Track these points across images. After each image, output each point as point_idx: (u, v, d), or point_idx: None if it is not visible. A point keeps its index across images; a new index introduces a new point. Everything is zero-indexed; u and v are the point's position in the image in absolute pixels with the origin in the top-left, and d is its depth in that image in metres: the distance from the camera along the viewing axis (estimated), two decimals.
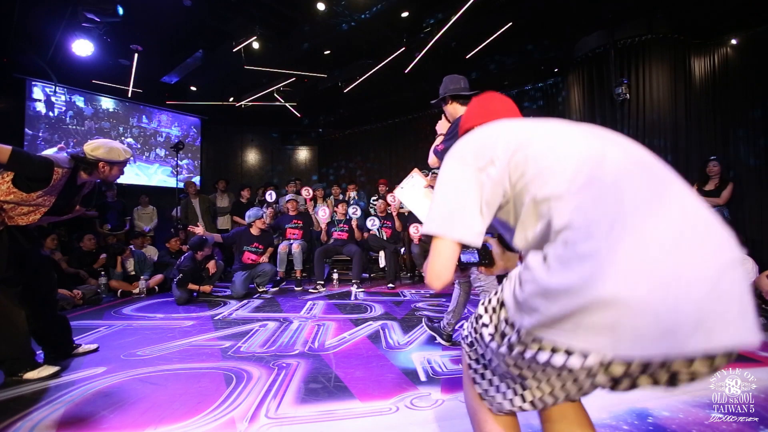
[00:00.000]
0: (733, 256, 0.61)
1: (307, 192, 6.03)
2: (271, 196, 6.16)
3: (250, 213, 4.85)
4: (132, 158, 2.29)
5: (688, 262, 0.59)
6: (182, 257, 4.46)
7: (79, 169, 2.21)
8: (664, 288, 0.58)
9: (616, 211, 0.64)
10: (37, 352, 2.27)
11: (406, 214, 5.55)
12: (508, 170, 0.80)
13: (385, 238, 5.47)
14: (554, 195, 0.72)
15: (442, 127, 2.44)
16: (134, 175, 8.22)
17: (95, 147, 2.20)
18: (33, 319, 2.20)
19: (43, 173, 2.04)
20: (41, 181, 2.06)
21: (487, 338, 0.83)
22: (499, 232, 0.94)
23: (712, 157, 4.59)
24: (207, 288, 4.46)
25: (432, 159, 2.38)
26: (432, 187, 3.65)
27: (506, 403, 0.84)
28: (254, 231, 4.77)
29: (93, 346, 2.55)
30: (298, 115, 8.68)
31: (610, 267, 0.59)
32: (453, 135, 2.09)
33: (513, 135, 0.84)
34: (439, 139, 2.39)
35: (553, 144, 0.79)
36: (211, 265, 4.59)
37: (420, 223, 5.28)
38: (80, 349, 2.48)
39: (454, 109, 2.28)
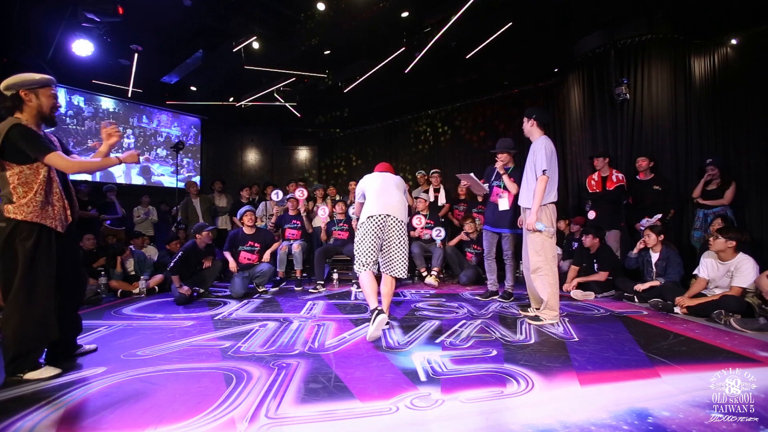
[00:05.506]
0: (394, 203, 3.09)
1: (301, 193, 5.49)
2: (277, 195, 5.76)
3: (239, 212, 4.91)
4: (56, 85, 2.28)
5: (387, 201, 3.08)
6: (185, 244, 4.53)
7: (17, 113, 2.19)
8: (382, 205, 3.05)
9: (378, 196, 3.13)
10: None
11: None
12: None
13: None
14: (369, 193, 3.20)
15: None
16: (134, 175, 8.23)
17: (7, 83, 2.15)
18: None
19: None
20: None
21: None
22: None
23: (708, 160, 4.56)
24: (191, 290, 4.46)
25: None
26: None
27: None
28: (247, 230, 4.77)
29: (92, 347, 2.54)
30: (298, 115, 8.67)
31: (374, 207, 3.06)
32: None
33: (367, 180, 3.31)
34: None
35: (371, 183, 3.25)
36: (207, 260, 4.58)
37: (423, 216, 5.29)
38: (81, 350, 2.47)
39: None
